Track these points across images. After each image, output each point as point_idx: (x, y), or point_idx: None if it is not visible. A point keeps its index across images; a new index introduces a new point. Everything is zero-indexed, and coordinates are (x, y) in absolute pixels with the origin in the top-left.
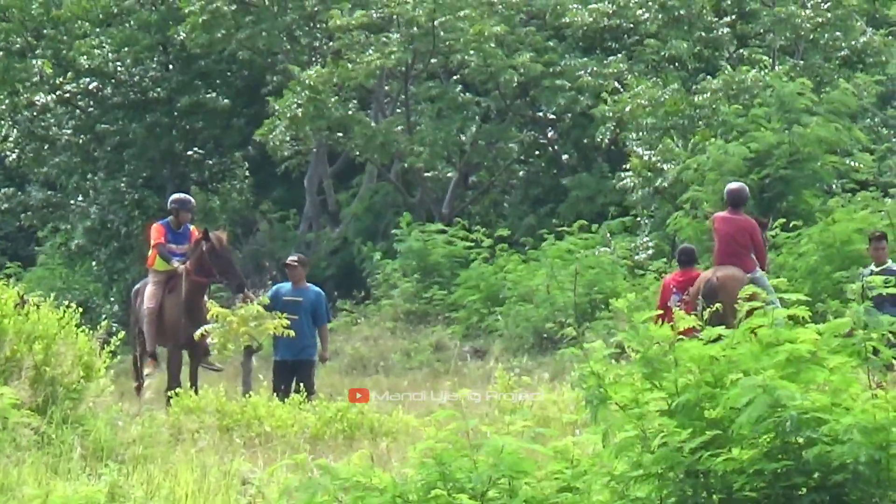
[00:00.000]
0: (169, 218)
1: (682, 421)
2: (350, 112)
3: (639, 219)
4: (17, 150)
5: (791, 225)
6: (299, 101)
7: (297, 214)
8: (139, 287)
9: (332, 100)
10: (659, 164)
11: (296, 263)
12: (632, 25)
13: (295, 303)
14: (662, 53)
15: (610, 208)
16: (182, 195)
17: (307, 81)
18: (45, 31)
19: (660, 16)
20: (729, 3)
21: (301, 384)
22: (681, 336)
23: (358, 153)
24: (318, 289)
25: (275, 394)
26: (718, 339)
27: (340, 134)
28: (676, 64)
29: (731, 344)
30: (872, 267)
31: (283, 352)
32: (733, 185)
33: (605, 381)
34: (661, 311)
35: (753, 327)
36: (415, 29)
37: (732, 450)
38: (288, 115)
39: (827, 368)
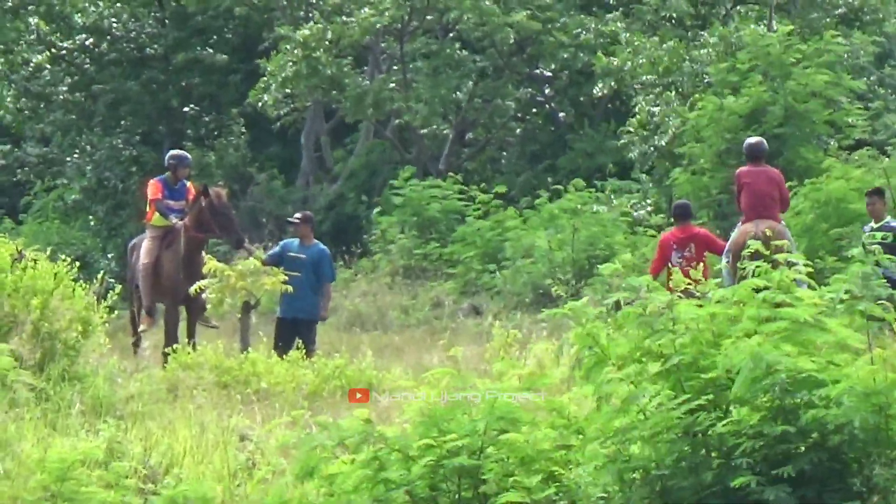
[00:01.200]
0: (166, 174)
1: (679, 382)
2: (344, 70)
3: (638, 176)
4: (13, 108)
5: (787, 184)
6: (293, 60)
7: (293, 170)
8: (135, 242)
9: (325, 57)
10: (661, 120)
11: (298, 220)
12: None
13: (298, 260)
14: (661, 13)
15: (609, 165)
16: (179, 151)
17: (300, 39)
18: None
19: None
20: None
21: (301, 341)
22: (680, 295)
23: (349, 112)
24: (323, 246)
25: (275, 350)
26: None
27: (335, 92)
28: (674, 22)
29: (734, 301)
30: (872, 224)
31: (286, 309)
32: (752, 139)
33: (599, 342)
34: (657, 268)
35: (758, 287)
36: None
37: (731, 411)
38: (281, 75)
39: (828, 331)
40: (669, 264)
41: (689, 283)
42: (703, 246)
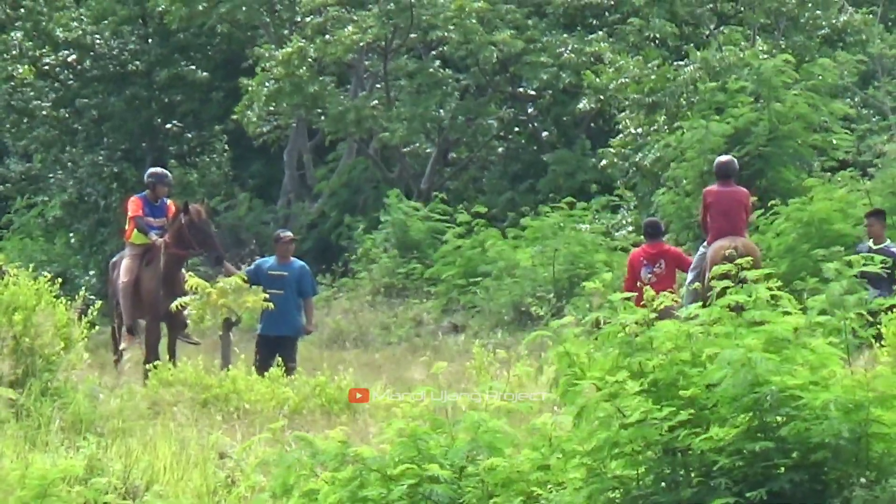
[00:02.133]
0: (146, 191)
1: (658, 400)
2: (326, 88)
3: (619, 196)
4: None
5: (769, 204)
6: (276, 78)
7: (276, 188)
8: (116, 260)
9: (308, 75)
10: (643, 140)
11: (289, 238)
12: (613, 3)
13: (280, 277)
14: (644, 33)
15: (591, 185)
16: (159, 169)
17: (283, 57)
18: (23, 3)
19: None
20: None
21: (281, 358)
22: (654, 314)
23: (331, 131)
24: (302, 262)
25: (255, 367)
26: (695, 317)
27: (318, 110)
28: (657, 42)
29: (711, 320)
30: (870, 244)
31: (268, 326)
32: (723, 158)
33: (577, 362)
34: (629, 287)
35: (731, 304)
36: (392, 5)
37: (711, 428)
38: (263, 93)
39: (808, 348)
40: (639, 281)
41: (664, 301)
42: (673, 263)
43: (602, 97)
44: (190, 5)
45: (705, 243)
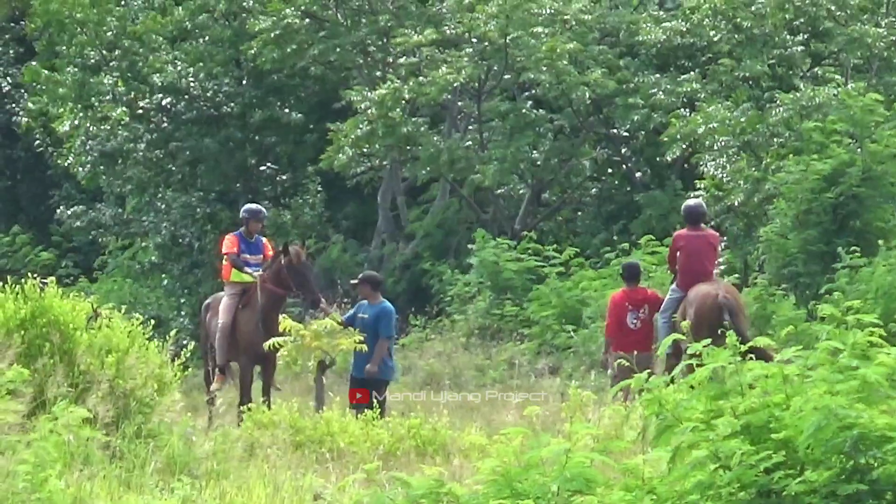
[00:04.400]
0: (241, 229)
1: (752, 442)
2: (420, 129)
3: None
4: (90, 166)
5: (853, 248)
6: (369, 120)
7: (370, 229)
8: (209, 302)
9: (401, 116)
10: (731, 183)
11: (356, 281)
12: (705, 44)
13: (363, 320)
14: (736, 73)
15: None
16: (253, 205)
17: (377, 98)
18: (119, 46)
19: (733, 35)
20: (802, 21)
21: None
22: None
23: (424, 171)
24: (386, 305)
25: (350, 410)
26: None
27: (410, 147)
28: (750, 83)
29: (807, 365)
30: None
31: (355, 368)
32: (691, 202)
33: (667, 407)
34: (613, 332)
35: (830, 349)
36: (487, 45)
37: (805, 471)
38: (354, 135)
39: None
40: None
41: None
42: (656, 308)
43: (687, 144)
44: (282, 47)
45: (675, 285)
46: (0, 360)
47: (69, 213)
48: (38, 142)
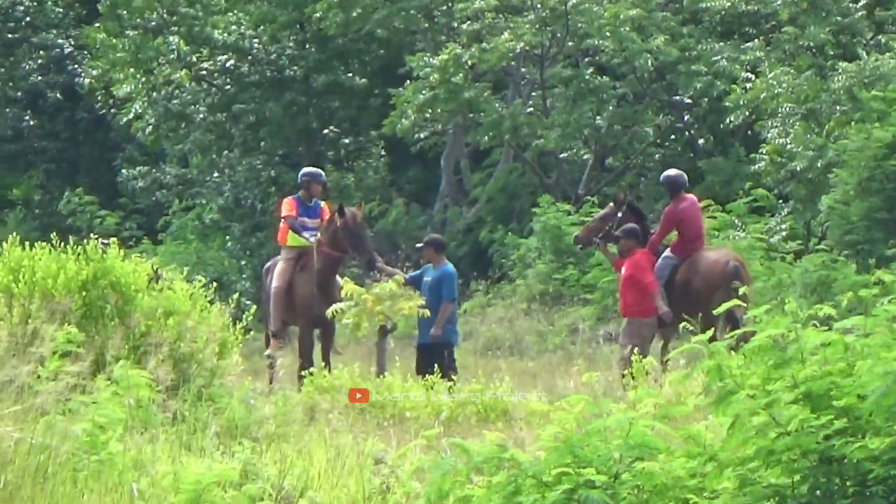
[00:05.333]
0: (300, 192)
1: (813, 409)
2: (482, 95)
3: (772, 202)
4: (151, 128)
5: None
6: (431, 86)
7: (432, 193)
8: (269, 265)
9: (463, 82)
10: (793, 150)
11: (421, 245)
12: (769, 11)
13: (427, 283)
14: (800, 41)
15: (752, 191)
16: (312, 168)
17: (439, 64)
18: (179, 8)
19: (797, 2)
20: None
21: (438, 366)
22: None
23: (486, 137)
24: (448, 268)
25: (417, 375)
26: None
27: (472, 114)
28: (814, 51)
29: (864, 332)
30: None
31: (421, 334)
32: (672, 172)
33: (729, 374)
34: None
35: (889, 316)
36: (548, 12)
37: (866, 438)
38: (416, 101)
39: None
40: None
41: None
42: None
43: (750, 111)
44: (347, 11)
45: (669, 252)
46: (60, 321)
47: (133, 173)
48: (99, 104)
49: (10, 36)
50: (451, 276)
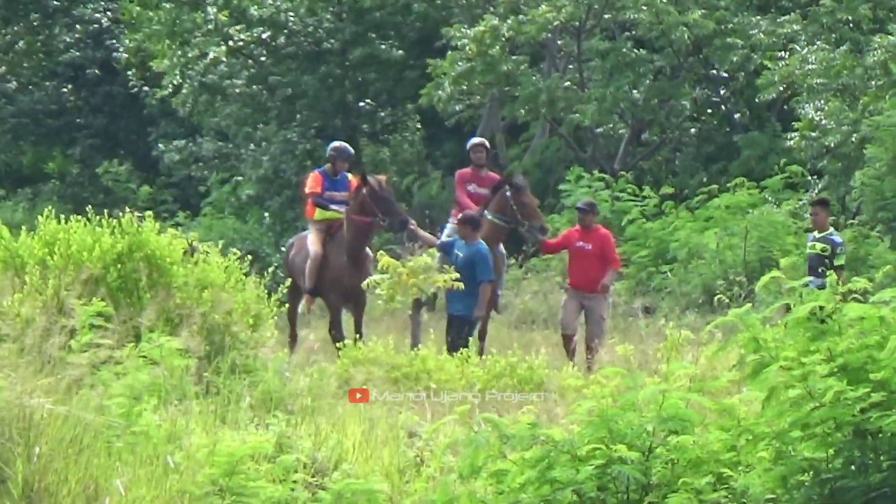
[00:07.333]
0: (326, 166)
1: (849, 382)
2: (519, 67)
3: (806, 178)
4: (189, 101)
5: None
6: (468, 58)
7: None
8: (292, 241)
9: (500, 54)
10: (827, 125)
11: (455, 222)
12: None
13: (458, 257)
14: (838, 16)
15: (789, 167)
16: (341, 143)
17: (476, 35)
18: None
19: None
20: None
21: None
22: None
23: (522, 110)
24: (481, 246)
25: (447, 346)
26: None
27: (509, 87)
28: (851, 25)
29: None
30: (815, 234)
31: (448, 306)
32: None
33: (765, 346)
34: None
35: None
36: None
37: None
38: (453, 72)
39: None
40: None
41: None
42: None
43: (784, 86)
44: None
45: None
46: (95, 293)
47: (170, 146)
48: (131, 82)
49: (48, 9)
50: (485, 255)
